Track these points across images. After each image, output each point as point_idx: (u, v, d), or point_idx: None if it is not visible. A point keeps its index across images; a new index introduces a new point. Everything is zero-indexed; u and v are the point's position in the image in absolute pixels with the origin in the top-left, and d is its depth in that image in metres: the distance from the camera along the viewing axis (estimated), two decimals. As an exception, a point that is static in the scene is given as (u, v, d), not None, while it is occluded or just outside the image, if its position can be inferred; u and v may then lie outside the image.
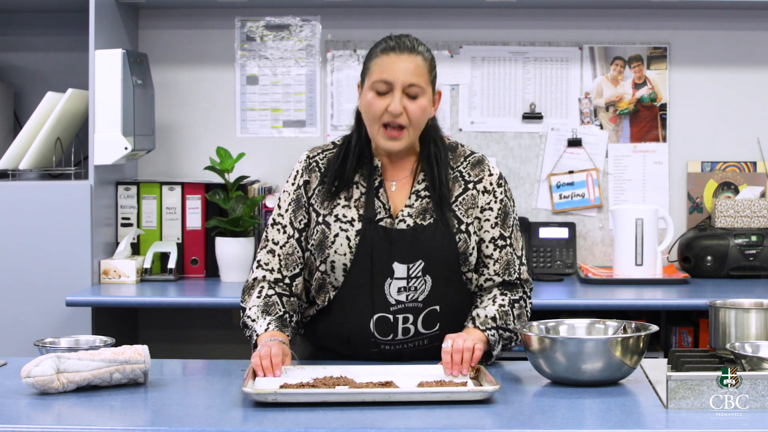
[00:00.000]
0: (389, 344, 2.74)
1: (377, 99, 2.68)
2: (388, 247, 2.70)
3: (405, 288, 2.71)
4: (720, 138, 4.35)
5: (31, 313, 3.82)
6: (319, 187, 2.77)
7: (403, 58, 2.68)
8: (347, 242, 2.71)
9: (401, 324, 2.72)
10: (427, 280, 2.72)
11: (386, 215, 2.73)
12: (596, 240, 4.36)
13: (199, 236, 4.13)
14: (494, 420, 2.23)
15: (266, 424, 2.18)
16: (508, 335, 2.71)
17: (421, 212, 2.74)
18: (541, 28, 4.35)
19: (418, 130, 2.73)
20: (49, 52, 4.39)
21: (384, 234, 2.71)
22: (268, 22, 4.38)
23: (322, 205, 2.76)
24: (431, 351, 2.73)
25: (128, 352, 2.47)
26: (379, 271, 2.71)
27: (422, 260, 2.70)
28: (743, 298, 2.75)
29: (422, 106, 2.69)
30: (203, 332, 4.38)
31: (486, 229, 2.77)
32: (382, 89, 2.68)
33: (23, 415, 2.29)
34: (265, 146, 4.37)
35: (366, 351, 2.75)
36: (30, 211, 3.84)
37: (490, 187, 2.78)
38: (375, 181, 2.76)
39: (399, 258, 2.71)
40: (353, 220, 2.72)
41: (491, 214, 2.77)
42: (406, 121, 2.68)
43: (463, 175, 2.78)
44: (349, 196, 2.75)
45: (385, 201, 2.74)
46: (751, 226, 4.20)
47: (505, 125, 4.37)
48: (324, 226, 2.73)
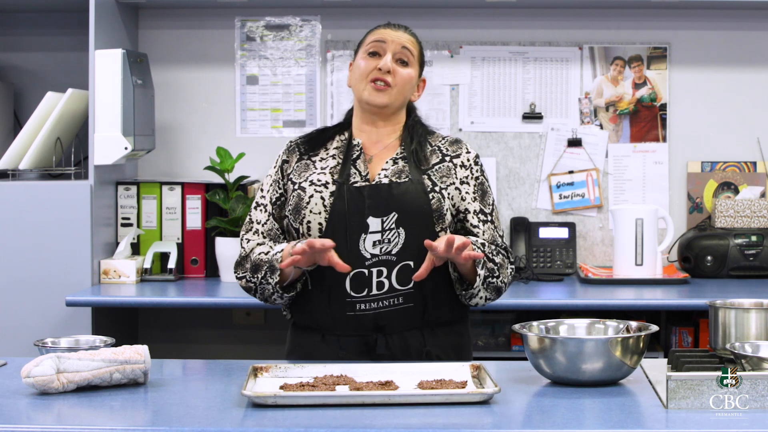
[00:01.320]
0: (364, 301, 2.76)
1: (369, 59, 2.85)
2: (362, 203, 2.77)
3: (379, 241, 2.76)
4: (720, 138, 4.35)
5: (31, 313, 3.82)
6: (298, 163, 2.88)
7: (399, 32, 2.89)
8: (321, 202, 2.79)
9: (375, 278, 2.75)
10: (400, 233, 2.76)
11: (362, 180, 2.81)
12: (596, 240, 4.36)
13: (199, 236, 4.14)
14: (494, 420, 2.23)
15: (266, 424, 2.18)
16: (491, 266, 2.78)
17: (396, 173, 2.82)
18: (541, 28, 4.35)
19: (402, 95, 2.86)
20: (49, 52, 4.39)
21: (357, 192, 2.79)
22: (268, 22, 4.38)
23: (299, 176, 2.86)
24: (407, 313, 2.77)
25: (128, 352, 2.47)
26: (354, 227, 2.76)
27: (396, 212, 2.76)
28: (743, 298, 2.74)
29: (410, 73, 2.86)
30: (203, 332, 4.38)
31: (468, 201, 2.85)
32: (375, 49, 2.85)
33: (23, 415, 2.29)
34: (265, 146, 4.36)
35: (342, 315, 2.77)
36: (30, 211, 3.84)
37: (468, 163, 2.88)
38: (353, 154, 2.86)
39: (373, 212, 2.77)
40: (327, 183, 2.82)
41: (469, 188, 2.86)
42: (393, 82, 2.83)
43: (441, 149, 2.89)
44: (325, 166, 2.85)
45: (361, 170, 2.83)
46: (751, 226, 4.20)
47: (505, 125, 4.37)
48: (299, 191, 2.83)
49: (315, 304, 2.82)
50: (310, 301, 2.83)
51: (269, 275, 2.78)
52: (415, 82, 2.89)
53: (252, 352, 4.28)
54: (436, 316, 2.82)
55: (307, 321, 2.86)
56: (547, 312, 3.53)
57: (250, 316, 4.34)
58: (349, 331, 2.79)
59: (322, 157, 2.89)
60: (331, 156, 2.88)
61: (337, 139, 2.91)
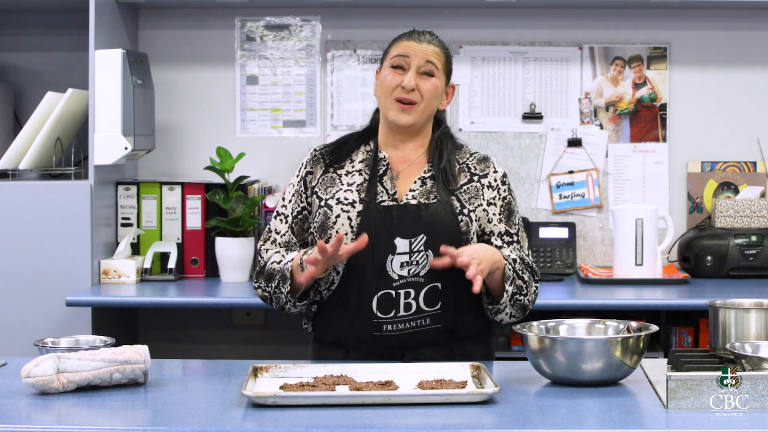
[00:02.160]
0: (391, 322, 2.74)
1: (393, 73, 2.81)
2: (390, 223, 2.75)
3: (407, 262, 2.74)
4: (720, 138, 4.35)
5: (31, 313, 3.82)
6: (323, 176, 2.84)
7: (423, 44, 2.83)
8: (348, 222, 2.76)
9: (403, 299, 2.74)
10: (429, 255, 2.75)
11: (389, 199, 2.79)
12: (596, 240, 4.36)
13: (199, 236, 4.13)
14: (494, 420, 2.23)
15: (266, 424, 2.18)
16: (519, 283, 2.77)
17: (425, 194, 2.79)
18: (541, 28, 4.35)
19: (428, 109, 2.82)
20: (49, 52, 4.39)
21: (386, 212, 2.76)
22: (268, 22, 4.38)
23: (325, 191, 2.82)
24: (435, 333, 2.76)
25: (128, 352, 2.47)
26: (381, 248, 2.74)
27: (424, 234, 2.74)
28: (743, 298, 2.75)
29: (435, 84, 2.81)
30: (203, 332, 4.38)
31: (494, 223, 2.82)
32: (399, 63, 2.80)
33: (23, 415, 2.29)
34: (265, 146, 4.37)
35: (368, 335, 2.76)
36: (30, 211, 3.84)
37: (495, 183, 2.85)
38: (379, 170, 2.83)
39: (401, 233, 2.75)
40: (354, 202, 2.78)
41: (495, 209, 2.83)
42: (418, 98, 2.80)
43: (470, 167, 2.86)
44: (351, 182, 2.82)
45: (389, 187, 2.80)
46: (751, 226, 4.20)
47: (505, 125, 4.37)
48: (326, 209, 2.79)
49: (339, 323, 2.80)
50: (334, 318, 2.81)
51: (282, 284, 2.77)
52: (441, 91, 2.84)
53: (252, 352, 4.28)
54: (464, 330, 2.82)
55: (330, 337, 2.84)
56: (547, 312, 3.53)
57: (250, 316, 4.34)
58: (375, 350, 2.77)
59: (348, 170, 2.85)
60: (357, 171, 2.84)
61: (363, 150, 2.87)
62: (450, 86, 2.89)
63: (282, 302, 2.80)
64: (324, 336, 2.86)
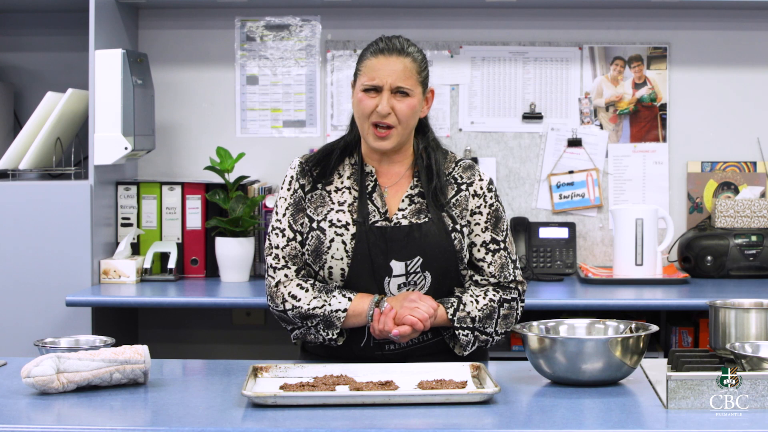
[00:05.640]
0: (392, 342, 2.73)
1: (367, 98, 2.73)
2: (385, 246, 2.72)
3: (405, 284, 2.73)
4: (720, 138, 4.35)
5: (31, 313, 3.82)
6: (311, 192, 2.79)
7: (392, 60, 2.72)
8: (343, 246, 2.72)
9: None
10: (426, 276, 2.73)
11: (381, 218, 2.75)
12: (596, 240, 4.36)
13: (199, 236, 4.13)
14: (494, 420, 2.24)
15: (266, 424, 2.18)
16: (484, 338, 2.75)
17: (415, 213, 2.76)
18: (541, 28, 4.35)
19: (407, 129, 2.76)
20: (49, 52, 4.39)
21: (380, 234, 2.72)
22: (268, 22, 4.38)
23: (315, 211, 2.77)
24: (437, 345, 2.76)
25: (128, 352, 2.47)
26: (378, 271, 2.72)
27: (420, 256, 2.72)
28: (743, 298, 2.75)
29: (411, 105, 2.73)
30: (203, 332, 4.38)
31: (477, 233, 2.79)
32: (371, 87, 2.72)
33: (23, 415, 2.29)
34: (265, 146, 4.37)
35: (370, 354, 2.74)
36: (30, 211, 3.84)
37: (480, 192, 2.81)
38: (368, 186, 2.79)
39: (396, 256, 2.72)
40: (347, 224, 2.74)
41: (481, 218, 2.79)
42: (395, 121, 2.72)
43: (456, 178, 2.81)
44: (342, 201, 2.77)
45: (379, 205, 2.76)
46: (751, 226, 4.20)
47: (505, 125, 4.37)
48: (319, 232, 2.74)
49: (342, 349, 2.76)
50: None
51: (323, 328, 2.71)
52: (419, 108, 2.75)
53: (252, 352, 4.28)
54: None
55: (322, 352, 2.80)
56: (547, 312, 3.53)
57: (250, 316, 4.34)
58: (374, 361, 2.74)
59: (337, 186, 2.78)
60: (346, 188, 2.78)
61: (348, 163, 2.81)
62: (429, 91, 2.81)
63: (313, 338, 2.74)
64: (317, 350, 2.82)
